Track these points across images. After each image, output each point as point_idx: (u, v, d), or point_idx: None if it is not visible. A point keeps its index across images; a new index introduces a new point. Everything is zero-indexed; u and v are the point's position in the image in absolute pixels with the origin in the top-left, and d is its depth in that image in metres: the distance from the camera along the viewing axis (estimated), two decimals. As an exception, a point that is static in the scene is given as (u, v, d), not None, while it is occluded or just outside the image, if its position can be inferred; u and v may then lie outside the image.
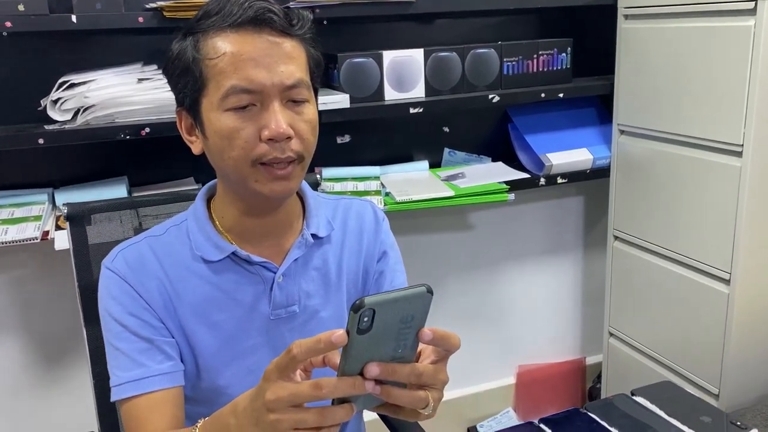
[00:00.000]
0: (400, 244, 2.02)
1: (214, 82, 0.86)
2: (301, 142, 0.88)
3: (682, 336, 1.74)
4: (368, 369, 0.63)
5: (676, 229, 1.72)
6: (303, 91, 0.88)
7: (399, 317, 0.62)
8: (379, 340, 0.62)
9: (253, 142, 0.86)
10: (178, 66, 0.88)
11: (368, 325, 0.60)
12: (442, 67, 1.81)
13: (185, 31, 0.90)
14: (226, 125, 0.86)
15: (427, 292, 0.62)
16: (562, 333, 2.38)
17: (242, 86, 0.84)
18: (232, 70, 0.84)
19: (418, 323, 0.64)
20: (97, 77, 1.51)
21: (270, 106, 0.85)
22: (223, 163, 0.89)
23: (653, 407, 1.05)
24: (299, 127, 0.88)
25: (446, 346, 0.68)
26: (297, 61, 0.88)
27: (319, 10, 1.61)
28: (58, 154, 1.63)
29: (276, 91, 0.85)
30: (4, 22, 1.39)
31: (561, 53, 1.92)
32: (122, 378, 0.91)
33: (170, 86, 0.92)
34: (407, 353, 0.65)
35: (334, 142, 1.90)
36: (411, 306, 0.62)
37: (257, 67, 0.84)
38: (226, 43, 0.85)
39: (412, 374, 0.66)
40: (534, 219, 2.22)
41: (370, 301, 0.59)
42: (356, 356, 0.62)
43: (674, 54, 1.65)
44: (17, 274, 1.71)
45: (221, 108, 0.86)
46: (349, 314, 0.60)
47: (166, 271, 0.94)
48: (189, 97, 0.89)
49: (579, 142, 1.99)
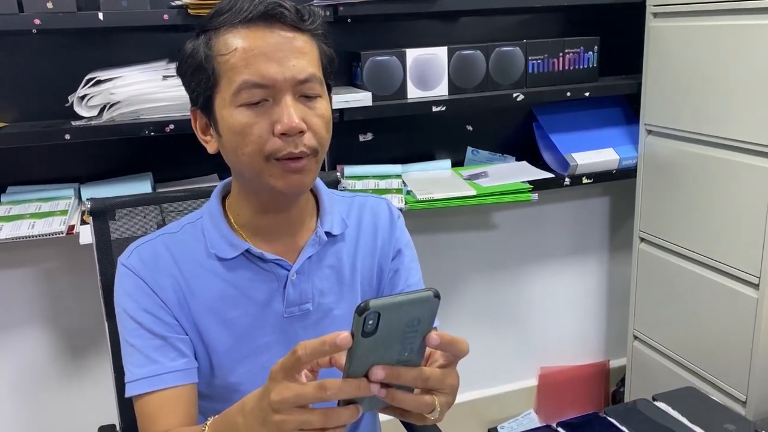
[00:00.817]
0: (421, 242, 2.04)
1: (226, 78, 0.86)
2: (315, 136, 0.88)
3: (708, 341, 1.71)
4: (373, 372, 0.62)
5: (703, 232, 1.68)
6: (315, 86, 0.88)
7: (405, 321, 0.61)
8: (385, 343, 0.61)
9: (267, 137, 0.85)
10: (191, 65, 0.89)
11: (373, 328, 0.59)
12: (466, 65, 1.79)
13: (198, 29, 0.90)
14: (239, 121, 0.86)
15: (434, 297, 0.61)
16: (586, 335, 2.34)
17: (254, 81, 0.84)
18: (244, 65, 0.84)
19: (425, 327, 0.63)
20: (122, 74, 1.53)
21: (282, 101, 0.85)
22: (238, 160, 0.89)
23: (675, 413, 1.03)
24: (312, 121, 0.87)
25: (454, 351, 0.67)
26: (309, 56, 0.87)
27: (343, 8, 1.61)
28: (85, 149, 1.66)
29: (288, 86, 0.85)
30: (33, 20, 1.41)
31: (587, 52, 1.90)
32: (136, 374, 0.92)
33: (184, 86, 0.93)
34: (414, 357, 0.65)
35: (357, 140, 1.90)
36: (417, 310, 0.61)
37: (269, 61, 0.84)
38: (237, 38, 0.85)
39: (418, 378, 0.65)
40: (558, 219, 2.19)
41: (374, 304, 0.58)
42: (361, 358, 0.62)
43: (703, 52, 1.61)
44: (45, 268, 1.74)
45: (234, 104, 0.86)
46: (353, 316, 0.59)
47: (181, 269, 0.95)
48: (202, 95, 0.89)
49: (605, 141, 1.96)
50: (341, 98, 1.64)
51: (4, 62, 1.58)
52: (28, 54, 1.59)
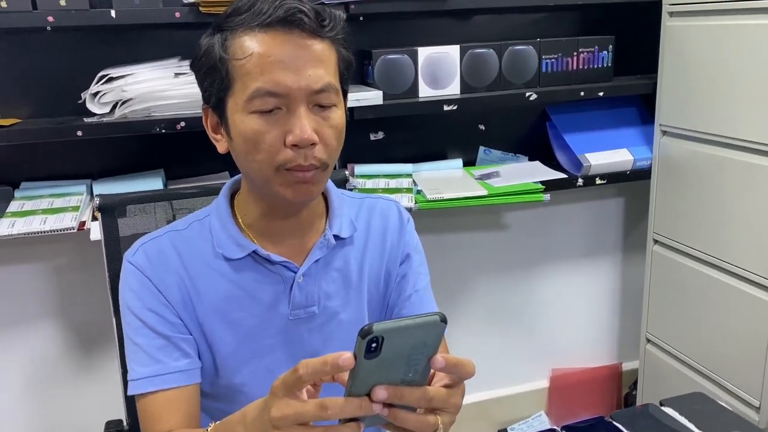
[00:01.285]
0: (432, 242, 2.04)
1: (241, 83, 0.84)
2: (325, 149, 0.86)
3: (722, 345, 1.68)
4: (376, 392, 0.62)
5: (719, 235, 1.65)
6: (331, 95, 0.86)
7: (410, 344, 0.61)
8: (389, 365, 0.61)
9: (278, 147, 0.84)
10: (205, 63, 0.88)
11: (376, 351, 0.59)
12: (479, 64, 1.78)
13: (214, 26, 0.89)
14: (251, 128, 0.85)
15: (440, 322, 0.61)
16: (598, 337, 2.32)
17: (268, 89, 0.83)
18: (259, 72, 0.83)
19: (431, 350, 0.63)
20: (135, 71, 1.54)
21: (296, 111, 0.84)
22: (248, 166, 0.88)
23: (682, 419, 1.02)
24: (325, 132, 0.86)
25: (459, 373, 0.67)
26: (326, 64, 0.85)
27: (354, 6, 1.61)
28: (98, 146, 1.66)
29: (303, 96, 0.84)
30: (47, 17, 1.42)
31: (602, 51, 1.87)
32: (139, 373, 0.92)
33: (197, 82, 0.92)
34: (418, 378, 0.64)
35: (368, 138, 1.89)
36: (423, 333, 0.61)
37: (284, 69, 0.82)
38: (254, 43, 0.83)
39: (422, 399, 0.65)
40: (571, 220, 2.17)
41: (378, 329, 0.58)
42: (364, 379, 0.61)
43: (720, 52, 1.59)
44: (57, 263, 1.76)
45: (246, 110, 0.84)
46: (356, 339, 0.59)
47: (186, 267, 0.94)
48: (215, 96, 0.88)
49: (619, 142, 1.93)
50: (352, 97, 1.64)
51: (19, 59, 1.59)
52: (42, 51, 1.60)
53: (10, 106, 1.60)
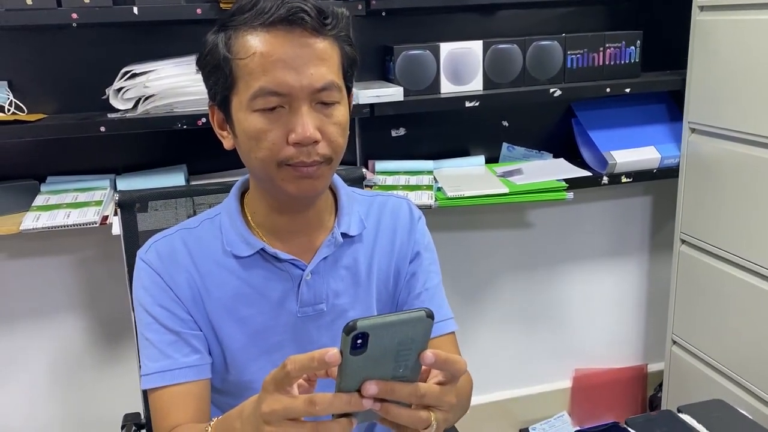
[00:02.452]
0: (455, 240, 2.02)
1: (244, 82, 0.85)
2: (329, 145, 0.87)
3: (751, 349, 1.64)
4: (365, 387, 0.62)
5: (749, 236, 1.61)
6: (333, 93, 0.86)
7: (397, 340, 0.60)
8: (377, 360, 0.61)
9: (280, 145, 0.85)
10: (210, 62, 0.89)
11: (363, 347, 0.59)
12: (502, 60, 1.76)
13: (219, 24, 0.90)
14: (254, 126, 0.85)
15: (426, 317, 0.61)
16: (623, 338, 2.28)
17: (270, 88, 0.83)
18: (261, 71, 0.83)
19: (420, 346, 0.62)
20: (157, 67, 1.55)
21: (298, 110, 0.84)
22: (251, 162, 0.89)
23: (699, 426, 0.99)
24: (328, 129, 0.86)
25: (450, 369, 0.66)
26: (329, 62, 0.86)
27: (376, 2, 1.60)
28: (122, 141, 1.69)
29: (305, 94, 0.84)
30: (71, 14, 1.44)
31: (629, 46, 1.83)
32: (150, 368, 0.93)
33: (203, 80, 0.93)
34: (409, 374, 0.64)
35: (389, 134, 1.88)
36: (410, 329, 0.61)
37: (286, 68, 0.83)
38: (256, 42, 0.84)
39: (413, 394, 0.64)
40: (597, 218, 2.13)
41: (362, 325, 0.58)
42: (352, 375, 0.61)
43: (752, 47, 1.54)
44: (82, 256, 1.79)
45: (249, 108, 0.85)
46: (341, 335, 0.59)
47: (197, 265, 0.95)
48: (220, 93, 0.89)
49: (646, 139, 1.89)
50: (372, 93, 1.63)
51: (44, 56, 1.62)
52: (66, 48, 1.63)
53: (36, 102, 1.63)
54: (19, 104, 1.60)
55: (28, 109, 1.61)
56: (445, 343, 1.01)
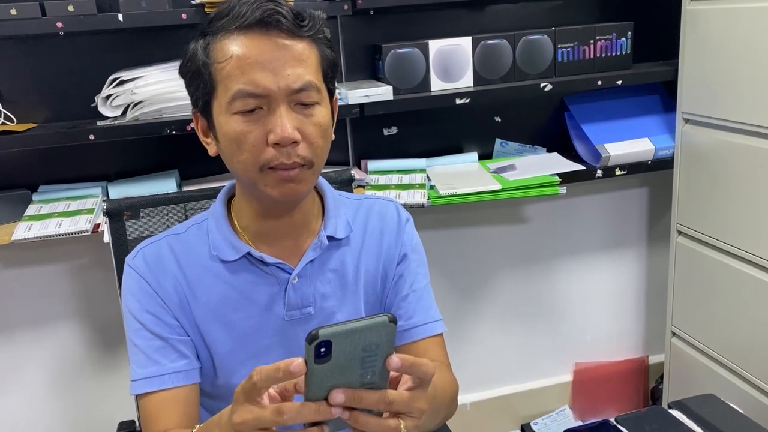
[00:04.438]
0: (450, 237, 2.02)
1: (222, 85, 0.86)
2: (309, 147, 0.87)
3: (750, 339, 1.63)
4: (332, 396, 0.62)
5: (745, 225, 1.60)
6: (312, 93, 0.86)
7: (361, 346, 0.61)
8: (343, 368, 0.61)
9: (260, 147, 0.85)
10: (190, 69, 0.89)
11: (327, 355, 0.59)
12: (492, 55, 1.75)
13: (200, 31, 0.90)
14: (234, 129, 0.86)
15: (389, 322, 0.61)
16: (622, 331, 2.28)
17: (248, 90, 0.84)
18: (239, 73, 0.84)
19: (385, 351, 0.62)
20: (144, 73, 1.55)
21: (276, 110, 0.85)
22: (234, 167, 0.89)
23: (689, 422, 0.98)
24: (307, 130, 0.87)
25: (418, 373, 0.66)
26: (306, 63, 0.86)
27: (362, 1, 1.59)
28: (113, 148, 1.69)
29: (282, 95, 0.84)
30: (56, 23, 1.44)
31: (620, 38, 1.82)
32: (139, 374, 0.94)
33: (185, 87, 0.93)
34: (377, 380, 0.64)
35: (381, 134, 1.87)
36: (373, 335, 0.61)
37: (263, 70, 0.83)
38: (233, 46, 0.85)
39: (381, 401, 0.64)
40: (593, 212, 2.13)
41: (324, 333, 0.58)
42: (318, 384, 0.62)
43: (744, 36, 1.52)
44: (75, 264, 1.79)
45: (229, 111, 0.86)
46: (304, 344, 0.59)
47: (184, 270, 0.96)
48: (201, 99, 0.90)
49: (640, 131, 1.88)
50: (362, 93, 1.62)
51: (32, 66, 1.62)
52: (55, 57, 1.62)
53: (26, 112, 1.63)
54: (9, 114, 1.60)
55: (17, 119, 1.62)
56: (432, 345, 1.01)
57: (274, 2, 0.85)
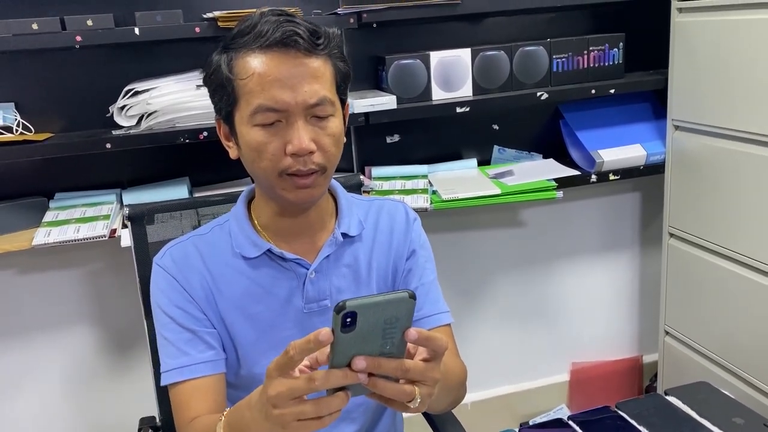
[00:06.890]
0: (450, 240, 2.08)
1: (244, 100, 0.93)
2: (324, 155, 0.95)
3: (740, 337, 1.70)
4: (355, 362, 0.68)
5: (734, 227, 1.67)
6: (326, 107, 0.94)
7: (383, 318, 0.67)
8: (365, 338, 0.67)
9: (279, 155, 0.93)
10: (215, 81, 0.97)
11: (352, 325, 0.65)
12: (490, 66, 1.82)
13: (223, 45, 0.97)
14: (255, 139, 0.93)
15: (409, 297, 0.67)
16: (618, 331, 2.34)
17: (268, 105, 0.91)
18: (260, 90, 0.91)
19: (404, 324, 0.68)
20: (158, 84, 1.62)
21: (294, 124, 0.92)
22: (255, 171, 0.97)
23: (685, 407, 1.05)
24: (322, 141, 0.94)
25: (432, 346, 0.72)
26: (321, 79, 0.93)
27: (367, 15, 1.66)
28: (127, 156, 1.75)
29: (300, 110, 0.92)
30: (75, 36, 1.50)
31: (613, 48, 1.90)
32: (169, 365, 1.00)
33: (209, 96, 1.00)
34: (395, 350, 0.70)
35: (384, 141, 1.95)
36: (394, 308, 0.67)
37: (282, 87, 0.91)
38: (255, 63, 0.92)
39: (398, 369, 0.70)
40: (587, 215, 2.20)
41: (351, 304, 0.64)
42: (342, 351, 0.67)
43: (730, 47, 1.60)
44: (91, 269, 1.84)
45: (250, 123, 0.93)
46: (333, 314, 0.65)
47: (209, 267, 1.02)
48: (224, 109, 0.97)
49: (632, 137, 1.96)
50: (367, 102, 1.70)
51: (50, 77, 1.68)
52: (72, 69, 1.69)
53: (43, 122, 1.70)
54: (27, 124, 1.66)
55: (35, 128, 1.68)
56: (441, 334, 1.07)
57: (293, 23, 0.92)
